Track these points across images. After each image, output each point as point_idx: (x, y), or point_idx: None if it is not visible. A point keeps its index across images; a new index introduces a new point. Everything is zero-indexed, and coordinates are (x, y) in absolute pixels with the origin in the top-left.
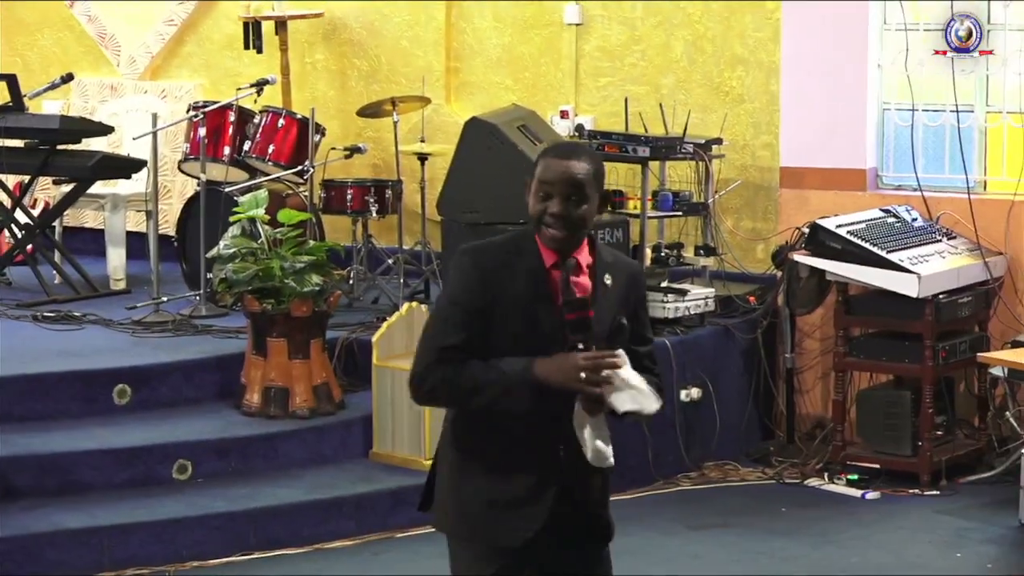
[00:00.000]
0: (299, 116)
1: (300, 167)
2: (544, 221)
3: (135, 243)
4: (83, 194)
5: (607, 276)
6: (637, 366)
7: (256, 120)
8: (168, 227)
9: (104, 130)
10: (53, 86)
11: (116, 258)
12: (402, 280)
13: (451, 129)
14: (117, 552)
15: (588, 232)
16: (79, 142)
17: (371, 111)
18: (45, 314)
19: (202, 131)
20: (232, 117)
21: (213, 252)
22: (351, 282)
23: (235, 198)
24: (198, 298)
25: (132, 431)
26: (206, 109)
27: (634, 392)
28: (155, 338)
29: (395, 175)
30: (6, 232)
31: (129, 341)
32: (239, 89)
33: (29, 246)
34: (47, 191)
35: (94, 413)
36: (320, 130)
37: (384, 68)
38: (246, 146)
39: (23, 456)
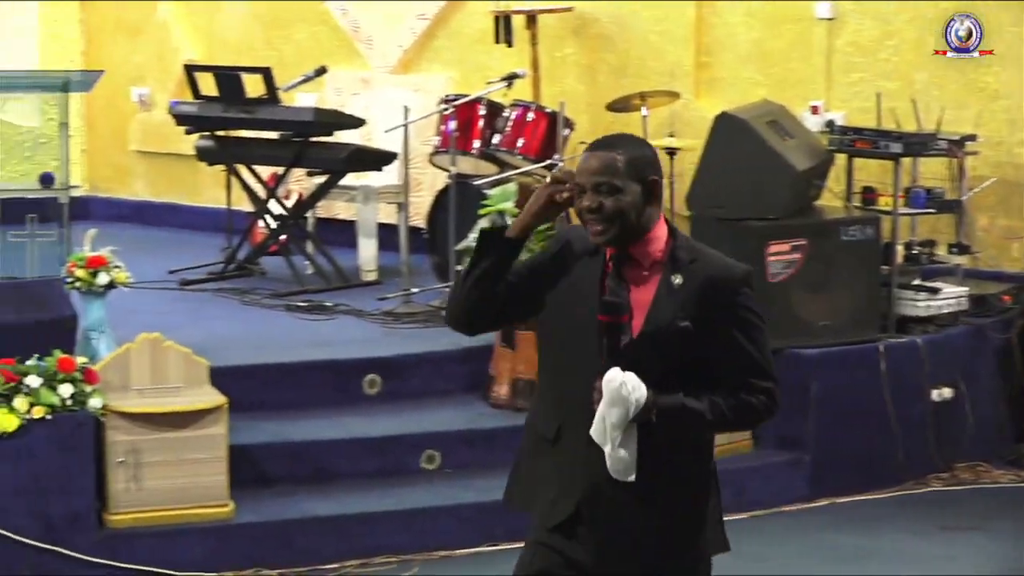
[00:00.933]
0: (548, 110)
1: (549, 160)
2: (583, 219)
3: (386, 235)
4: (335, 186)
5: (676, 276)
6: (736, 383)
7: (505, 114)
8: (418, 219)
9: (356, 123)
10: (307, 79)
11: (367, 249)
12: None
13: (700, 124)
14: (365, 540)
15: (645, 224)
16: (332, 135)
17: (620, 105)
18: (298, 304)
19: (452, 124)
20: (482, 111)
21: (463, 244)
22: None
23: (484, 191)
24: (447, 290)
25: (381, 421)
26: (456, 103)
27: (599, 428)
28: (405, 329)
29: None
30: (260, 223)
31: (379, 332)
32: (489, 83)
33: (283, 237)
34: (301, 183)
35: (344, 402)
36: (569, 124)
37: (633, 63)
38: (495, 139)
39: (276, 444)
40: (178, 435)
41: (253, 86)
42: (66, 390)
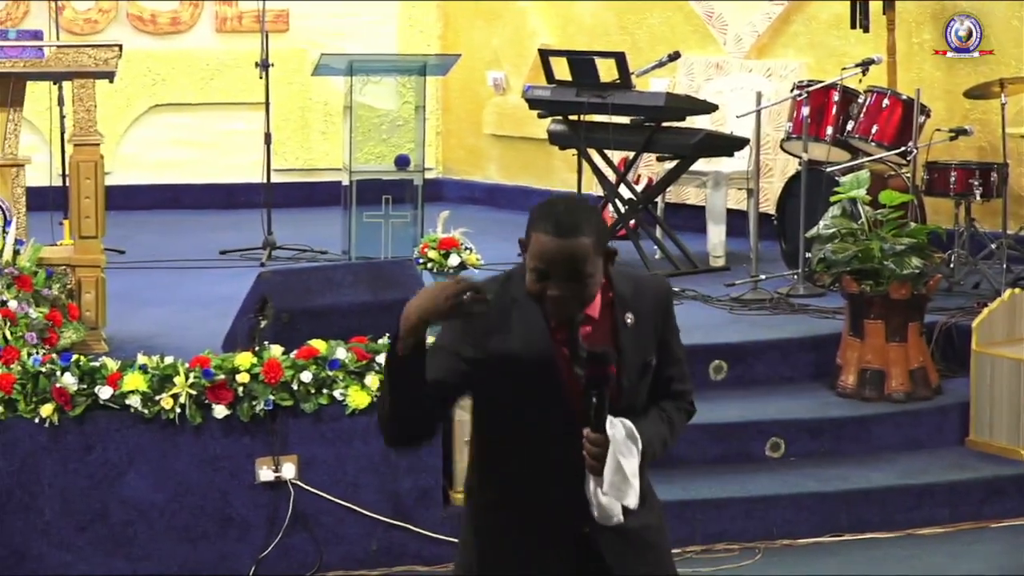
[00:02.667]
0: (904, 97)
1: (903, 148)
2: (544, 303)
3: (735, 221)
4: (685, 171)
5: (628, 315)
6: (664, 393)
7: (860, 100)
8: (768, 205)
9: (708, 108)
10: (660, 64)
11: (716, 235)
12: (1005, 265)
13: None
14: (708, 526)
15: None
16: (683, 120)
17: (978, 92)
18: None
19: (805, 110)
20: (836, 97)
21: (812, 232)
22: (951, 266)
23: (836, 178)
24: (796, 277)
25: (727, 407)
26: (810, 88)
27: (619, 480)
28: (752, 316)
29: (1001, 158)
30: (610, 207)
31: (727, 318)
32: (844, 69)
33: (632, 221)
34: (651, 167)
35: None
36: (925, 111)
37: (993, 49)
38: (849, 126)
39: None
40: None
41: (606, 71)
42: None
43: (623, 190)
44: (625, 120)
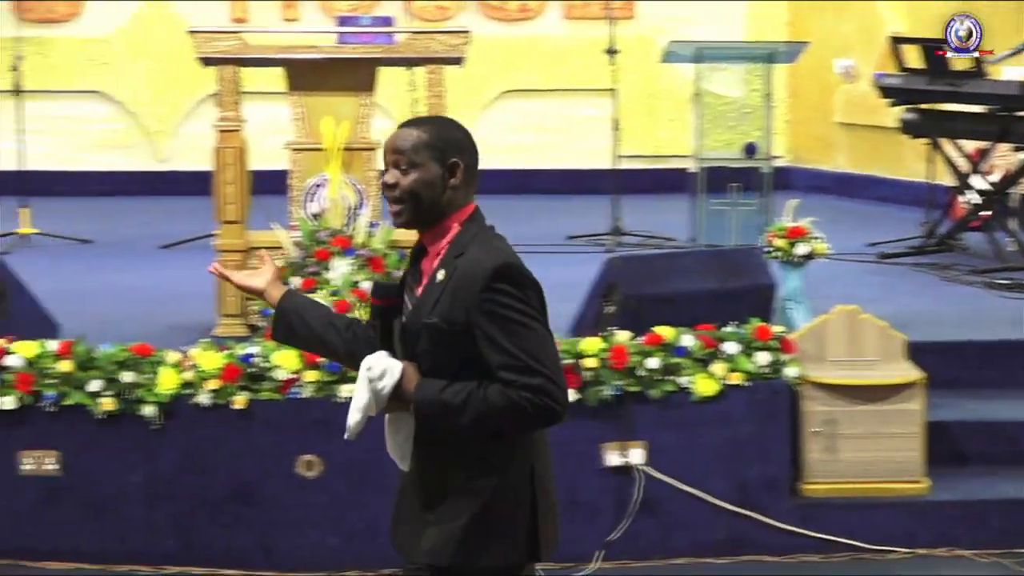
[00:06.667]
0: None
1: None
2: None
3: None
4: None
5: (440, 271)
6: (494, 377)
7: None
8: None
9: None
10: (1016, 52)
11: None
12: None
13: None
14: None
15: (443, 209)
16: None
17: None
18: (998, 282)
19: None
20: None
21: None
22: None
23: None
24: None
25: None
26: None
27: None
28: None
29: None
30: (961, 197)
31: None
32: None
33: (985, 212)
34: (1006, 158)
35: None
36: None
37: None
38: None
39: (973, 422)
40: (874, 408)
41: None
42: (763, 358)
43: (976, 180)
44: (979, 109)
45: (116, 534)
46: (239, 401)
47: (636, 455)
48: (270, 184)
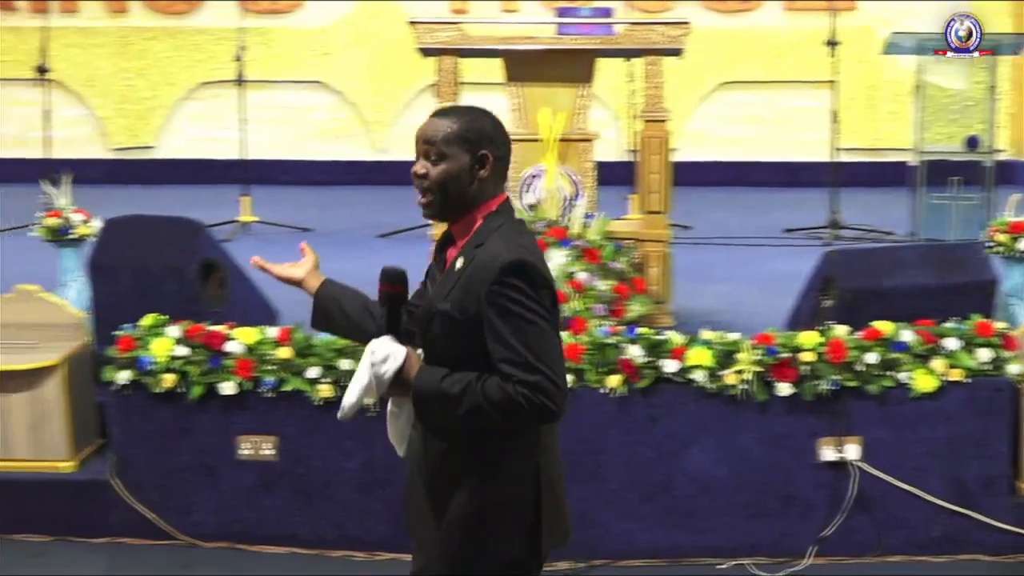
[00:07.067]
0: None
1: None
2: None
3: None
4: None
5: (459, 260)
6: (494, 369)
7: None
8: None
9: None
10: None
11: None
12: None
13: None
14: None
15: (471, 200)
16: None
17: None
18: None
19: None
20: None
21: None
22: None
23: None
24: None
25: None
26: None
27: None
28: None
29: None
30: None
31: None
32: None
33: None
34: None
35: None
36: None
37: None
38: None
39: None
40: None
41: None
42: (984, 354)
43: None
44: None
45: (331, 520)
46: None
47: (852, 451)
48: None
